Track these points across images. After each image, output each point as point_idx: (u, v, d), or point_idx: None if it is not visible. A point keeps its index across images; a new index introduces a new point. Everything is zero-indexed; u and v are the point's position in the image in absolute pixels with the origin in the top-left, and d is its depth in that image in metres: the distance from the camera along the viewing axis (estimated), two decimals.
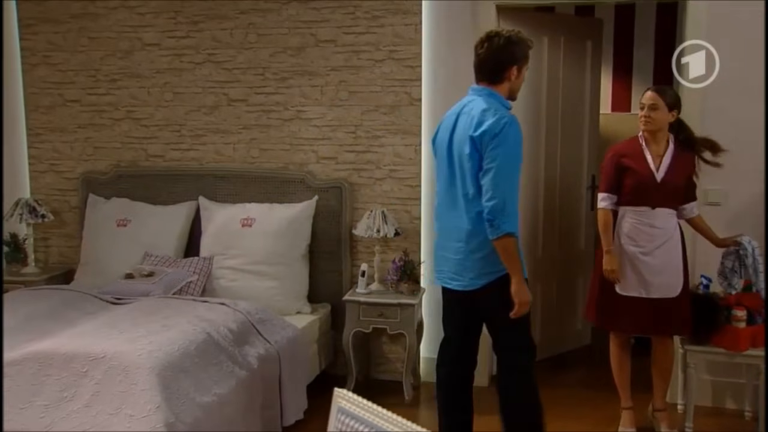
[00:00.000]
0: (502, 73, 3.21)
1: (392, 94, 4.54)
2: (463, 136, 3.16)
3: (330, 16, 4.56)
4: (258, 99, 4.73)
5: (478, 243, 3.17)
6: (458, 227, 3.24)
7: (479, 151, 3.10)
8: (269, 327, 3.95)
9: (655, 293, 3.73)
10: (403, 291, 4.39)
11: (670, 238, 3.73)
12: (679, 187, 3.73)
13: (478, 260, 3.19)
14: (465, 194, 3.18)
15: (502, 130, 3.05)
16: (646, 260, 3.73)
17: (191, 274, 4.39)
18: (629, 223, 3.78)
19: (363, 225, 4.41)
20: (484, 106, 3.14)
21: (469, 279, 3.24)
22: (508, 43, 3.19)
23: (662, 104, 3.69)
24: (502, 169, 3.05)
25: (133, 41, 4.86)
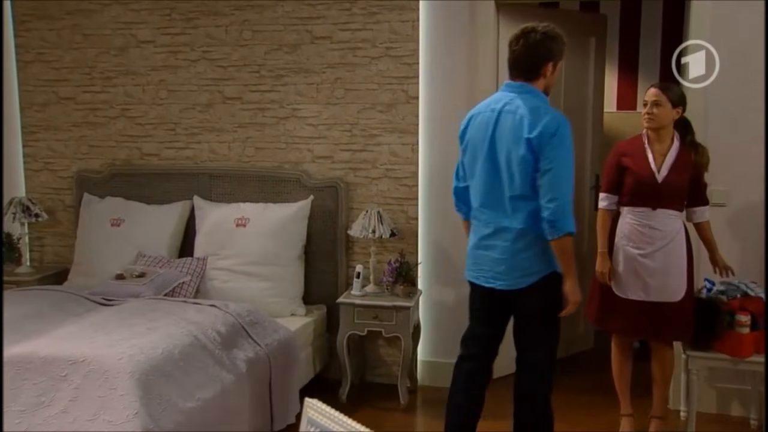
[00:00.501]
0: (539, 69, 3.15)
1: (389, 91, 4.44)
2: (513, 136, 3.09)
3: (326, 13, 4.48)
4: (253, 97, 4.65)
5: (526, 243, 3.14)
6: (504, 227, 3.18)
7: (535, 152, 3.04)
8: (260, 330, 3.87)
9: (655, 296, 3.62)
10: (398, 293, 4.30)
11: (672, 240, 3.60)
12: (682, 188, 3.61)
13: (525, 260, 3.15)
14: (513, 195, 3.13)
15: (558, 130, 3.02)
16: (645, 262, 3.62)
17: (184, 275, 4.31)
18: (629, 223, 3.67)
19: (358, 225, 4.32)
20: (533, 105, 3.08)
21: (514, 278, 3.19)
22: (544, 39, 3.14)
23: (666, 101, 3.58)
24: (561, 169, 3.03)
25: (127, 38, 4.79)
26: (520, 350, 3.35)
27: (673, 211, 3.61)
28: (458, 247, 4.46)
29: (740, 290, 3.75)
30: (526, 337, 3.31)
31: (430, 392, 4.55)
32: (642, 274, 3.63)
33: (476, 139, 3.26)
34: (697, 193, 3.68)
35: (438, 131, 4.45)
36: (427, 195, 4.51)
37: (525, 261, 3.17)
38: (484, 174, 3.23)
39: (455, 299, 4.54)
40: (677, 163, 3.60)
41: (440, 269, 4.55)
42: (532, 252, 3.16)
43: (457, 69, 4.39)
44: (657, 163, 3.61)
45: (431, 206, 4.51)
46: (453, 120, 4.38)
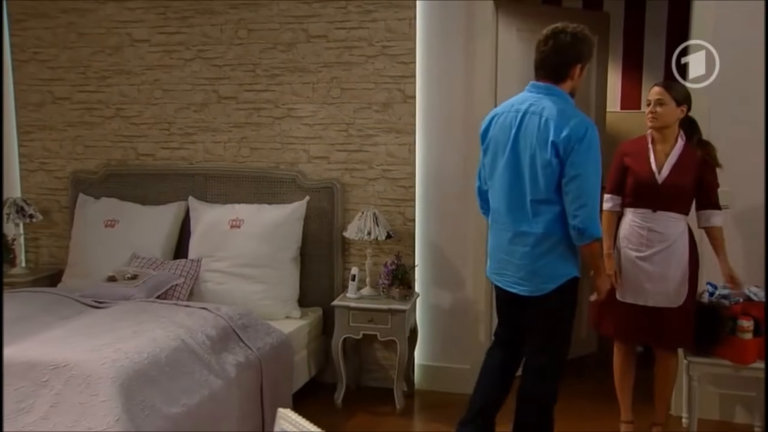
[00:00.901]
0: (567, 71, 3.11)
1: (385, 91, 4.37)
2: (538, 138, 3.03)
3: (321, 11, 4.40)
4: (248, 96, 4.59)
5: (547, 247, 3.10)
6: (525, 231, 3.14)
7: (561, 156, 2.98)
8: (252, 333, 3.80)
9: (653, 302, 3.53)
10: (394, 296, 4.22)
11: (673, 244, 3.50)
12: (685, 190, 3.49)
13: (546, 265, 3.12)
14: (535, 198, 3.08)
15: (587, 135, 2.97)
16: (644, 266, 3.53)
17: (177, 277, 4.25)
18: (628, 224, 3.59)
19: (354, 227, 4.25)
20: (560, 108, 3.03)
21: (536, 284, 3.15)
22: (574, 40, 3.09)
23: (669, 100, 3.49)
24: (590, 175, 2.98)
25: (122, 37, 4.74)
26: (529, 352, 3.32)
27: (675, 214, 3.50)
28: (456, 249, 4.41)
29: (743, 295, 3.66)
30: (536, 340, 3.27)
31: (427, 396, 4.47)
32: (640, 277, 3.54)
33: (498, 140, 3.21)
34: (704, 195, 3.54)
35: (435, 131, 4.37)
36: (424, 196, 4.43)
37: (546, 266, 3.14)
38: (505, 176, 3.18)
39: (453, 302, 4.47)
40: (680, 163, 3.50)
41: (438, 272, 4.47)
42: (552, 257, 3.12)
43: (455, 68, 4.31)
44: (658, 164, 3.52)
45: (429, 208, 4.43)
46: (450, 120, 4.34)
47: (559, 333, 3.25)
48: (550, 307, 3.19)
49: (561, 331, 3.25)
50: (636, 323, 3.58)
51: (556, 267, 3.13)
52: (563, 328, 3.25)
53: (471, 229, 4.36)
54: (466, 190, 4.34)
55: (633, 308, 3.57)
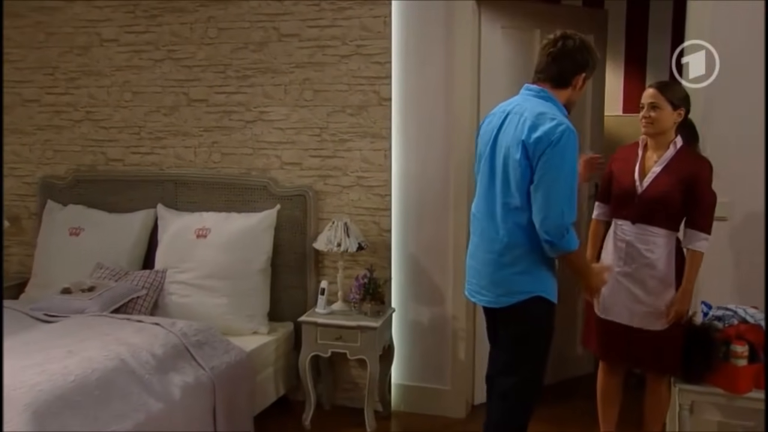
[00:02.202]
0: (570, 78, 2.91)
1: (360, 93, 4.10)
2: (513, 139, 2.83)
3: (293, 8, 4.16)
4: (219, 99, 4.35)
5: (512, 258, 2.87)
6: (492, 237, 2.92)
7: (530, 159, 2.76)
8: (208, 351, 3.56)
9: (633, 322, 3.23)
10: (366, 312, 3.95)
11: (655, 261, 3.19)
12: (670, 203, 3.15)
13: (507, 277, 2.90)
14: (505, 203, 2.87)
15: (560, 139, 2.72)
16: (623, 282, 3.23)
17: (139, 289, 4.02)
18: (610, 236, 3.32)
19: (324, 238, 3.99)
20: (541, 110, 2.81)
21: (496, 295, 2.95)
22: (582, 48, 2.89)
23: (665, 103, 3.18)
24: (558, 184, 2.74)
25: (91, 37, 4.54)
26: (494, 374, 3.08)
27: (657, 229, 3.18)
28: (435, 261, 4.14)
29: (738, 316, 3.33)
30: (503, 359, 3.04)
31: (404, 418, 4.20)
32: (620, 294, 3.24)
33: (483, 142, 3.03)
34: (693, 212, 3.18)
35: (412, 136, 4.10)
36: (401, 205, 4.16)
37: (507, 279, 2.91)
38: (484, 178, 3.00)
39: (432, 318, 4.19)
40: (668, 172, 3.17)
41: (416, 286, 4.19)
42: (517, 269, 2.88)
43: (433, 68, 4.03)
44: (642, 172, 3.22)
45: (406, 217, 4.16)
46: (428, 124, 4.07)
47: (527, 356, 2.99)
48: (513, 325, 2.96)
49: (529, 354, 2.98)
50: (617, 343, 3.29)
51: (517, 281, 2.90)
52: (531, 351, 2.98)
53: (451, 240, 4.09)
54: (445, 199, 4.07)
55: (615, 326, 3.27)
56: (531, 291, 2.89)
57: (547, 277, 2.93)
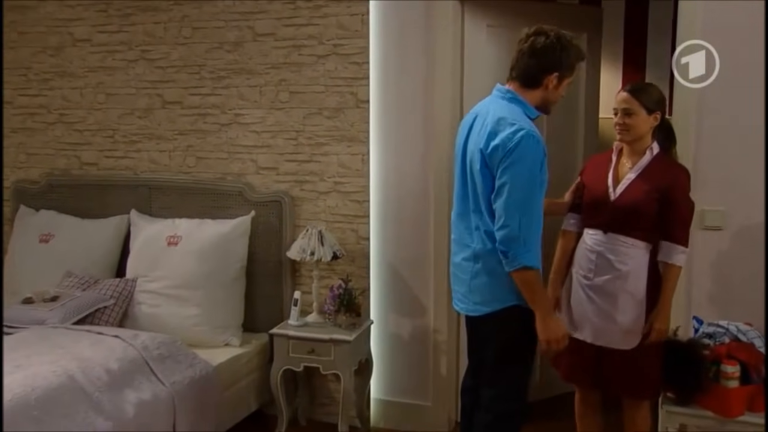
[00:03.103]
0: (540, 77, 2.71)
1: (336, 95, 3.92)
2: (475, 146, 2.69)
3: (268, 7, 3.98)
4: (193, 101, 4.19)
5: (487, 265, 2.74)
6: (467, 244, 2.80)
7: (489, 168, 2.62)
8: (170, 365, 3.39)
9: (600, 340, 3.01)
10: (340, 324, 3.76)
11: (626, 274, 2.96)
12: (644, 212, 2.93)
13: (484, 284, 2.76)
14: (476, 210, 2.73)
15: (518, 146, 2.56)
16: (591, 296, 3.02)
17: (107, 299, 3.86)
18: (581, 246, 3.09)
19: (297, 246, 3.81)
20: (502, 114, 2.64)
21: (473, 303, 2.82)
22: (556, 45, 2.69)
23: (639, 108, 2.96)
24: (516, 192, 2.57)
25: (63, 36, 4.39)
26: (475, 386, 2.96)
27: (630, 239, 2.96)
28: (415, 271, 3.95)
29: (729, 334, 3.11)
30: (482, 374, 2.89)
31: None
32: (587, 309, 3.03)
33: (456, 145, 2.89)
34: (668, 223, 2.95)
35: (391, 139, 3.91)
36: (381, 212, 3.97)
37: (482, 287, 2.77)
38: (458, 183, 2.86)
39: (413, 331, 3.99)
40: (643, 179, 2.96)
41: (395, 297, 4.00)
42: (491, 277, 2.73)
43: (413, 69, 3.84)
44: (615, 179, 3.01)
45: (385, 225, 3.97)
46: (407, 127, 3.89)
47: (508, 368, 2.81)
48: (490, 336, 2.81)
49: (509, 365, 2.81)
50: (583, 363, 3.07)
51: (492, 289, 2.75)
52: (511, 362, 2.80)
53: (431, 248, 3.89)
54: (425, 205, 3.88)
55: (583, 346, 3.06)
56: (509, 300, 2.73)
57: None
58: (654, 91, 3.01)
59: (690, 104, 3.43)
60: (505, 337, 2.78)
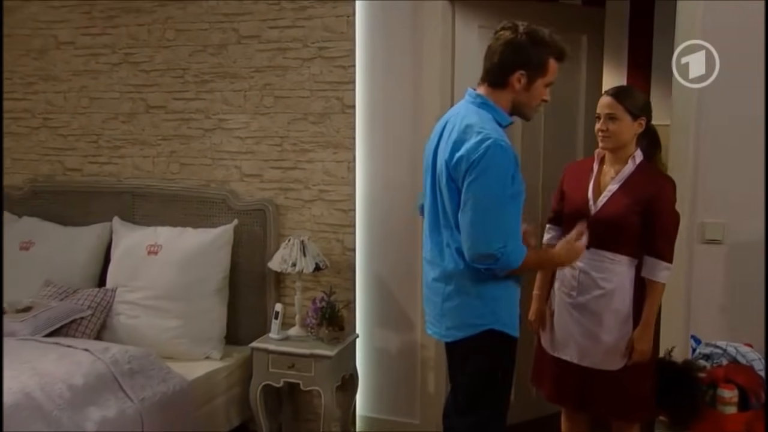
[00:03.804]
0: (505, 76, 2.48)
1: (322, 99, 3.77)
2: (442, 157, 2.49)
3: (253, 8, 3.85)
4: (177, 105, 4.06)
5: (460, 286, 2.51)
6: (438, 263, 2.58)
7: (455, 181, 2.42)
8: (141, 380, 3.26)
9: (584, 360, 2.83)
10: (323, 338, 3.61)
11: (611, 292, 2.78)
12: (628, 225, 2.74)
13: (455, 308, 2.54)
14: (447, 226, 2.52)
15: (484, 157, 2.34)
16: (576, 315, 2.84)
17: (84, 309, 3.74)
18: None
19: (278, 257, 3.66)
20: (469, 121, 2.43)
21: (445, 328, 2.60)
22: (523, 42, 2.47)
23: (623, 113, 2.78)
24: (484, 206, 2.36)
25: (47, 39, 4.29)
26: (447, 414, 2.78)
27: (614, 255, 2.77)
28: (403, 283, 3.79)
29: (727, 355, 2.92)
30: (459, 401, 2.68)
31: None
32: (571, 328, 2.85)
33: (426, 154, 2.68)
34: (652, 236, 2.76)
35: (378, 146, 3.76)
36: (367, 221, 3.81)
37: (455, 310, 2.55)
38: (428, 197, 2.64)
39: (400, 346, 3.84)
40: (626, 190, 2.77)
41: (382, 310, 3.84)
42: (463, 299, 2.53)
43: (400, 72, 3.69)
44: (596, 190, 2.83)
45: (372, 235, 3.81)
46: (395, 133, 3.73)
47: (484, 396, 2.62)
48: (467, 361, 2.60)
49: (485, 393, 2.61)
50: (566, 384, 2.89)
51: (466, 312, 2.54)
52: (487, 390, 2.61)
53: (419, 260, 3.68)
54: (414, 215, 3.68)
55: (568, 366, 2.88)
56: (484, 324, 2.53)
57: (504, 308, 2.56)
58: (639, 95, 2.84)
59: (689, 109, 3.25)
60: (480, 364, 2.58)
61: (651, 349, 2.82)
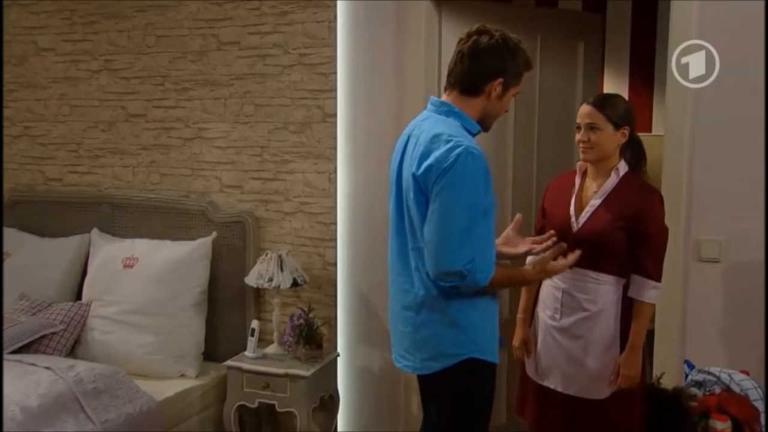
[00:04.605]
0: (482, 83, 2.32)
1: (302, 108, 3.63)
2: (408, 171, 2.32)
3: (233, 13, 3.71)
4: (157, 114, 3.93)
5: (431, 314, 2.32)
6: (406, 290, 2.38)
7: (425, 194, 2.23)
8: (105, 400, 3.11)
9: (573, 390, 2.64)
10: (300, 357, 3.45)
11: (597, 314, 2.60)
12: (612, 243, 2.56)
13: (430, 337, 2.35)
14: (415, 248, 2.33)
15: (454, 165, 2.17)
16: (560, 339, 2.66)
17: (55, 324, 3.61)
18: (546, 282, 2.73)
19: (254, 272, 3.52)
20: (437, 130, 2.25)
21: (420, 360, 2.39)
22: (500, 47, 2.31)
23: (604, 122, 2.60)
24: (453, 218, 2.18)
25: (27, 45, 4.18)
26: None
27: (598, 274, 2.60)
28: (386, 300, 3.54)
29: (721, 383, 2.72)
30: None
31: None
32: (555, 353, 2.67)
33: (390, 172, 2.50)
34: (639, 253, 2.58)
35: (360, 157, 3.60)
36: (349, 235, 3.65)
37: (431, 339, 2.35)
38: (393, 217, 2.45)
39: (383, 365, 3.66)
40: (609, 206, 2.59)
41: (364, 328, 3.67)
42: (439, 327, 2.33)
43: (383, 80, 3.54)
44: (578, 206, 2.65)
45: (354, 249, 3.65)
46: (378, 143, 3.57)
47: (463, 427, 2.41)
48: (443, 394, 2.40)
49: (464, 427, 2.41)
50: (557, 412, 2.71)
51: (442, 342, 2.34)
52: (466, 423, 2.41)
53: None
54: None
55: (553, 394, 2.70)
56: (461, 353, 2.33)
57: (482, 333, 2.37)
58: (621, 103, 2.66)
59: (684, 116, 3.06)
60: (459, 394, 2.38)
61: (639, 375, 2.63)
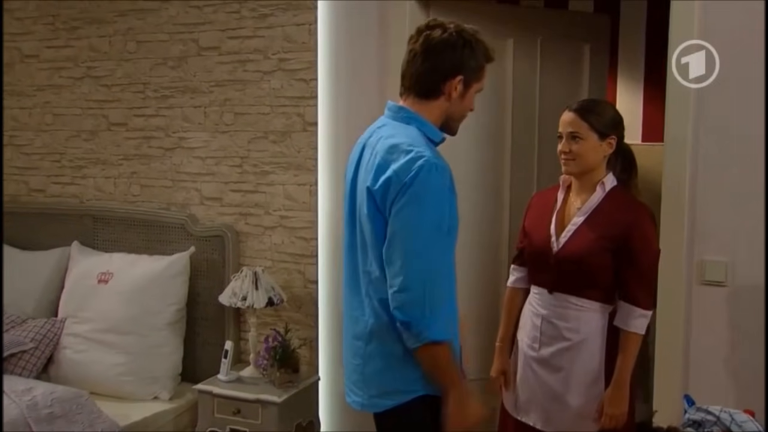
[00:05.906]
0: (440, 84, 2.07)
1: (282, 116, 3.43)
2: (362, 184, 2.07)
3: (213, 17, 3.54)
4: (138, 123, 3.78)
5: (383, 345, 2.08)
6: (357, 318, 2.14)
7: (381, 211, 1.99)
8: (61, 426, 2.94)
9: (552, 426, 2.38)
10: (274, 381, 3.24)
11: (579, 345, 2.34)
12: (595, 265, 2.31)
13: (380, 371, 2.10)
14: (366, 272, 2.09)
15: (416, 179, 1.93)
16: (539, 372, 2.40)
17: (26, 342, 3.46)
18: (526, 307, 2.47)
19: (228, 290, 3.32)
20: (395, 140, 2.01)
21: (368, 396, 2.13)
22: (456, 42, 2.06)
23: (587, 131, 2.35)
24: (416, 240, 1.94)
25: (11, 52, 4.06)
26: None
27: (580, 300, 2.33)
28: None
29: (721, 424, 2.42)
30: None
31: None
32: (535, 387, 2.41)
33: (345, 187, 2.24)
34: (625, 278, 2.32)
35: (342, 168, 3.30)
36: (330, 251, 3.43)
37: (380, 373, 2.10)
38: (346, 237, 2.21)
39: None
40: (592, 224, 2.33)
41: None
42: (389, 362, 2.08)
43: (366, 86, 3.32)
44: (559, 224, 2.39)
45: (335, 266, 3.42)
46: None
47: None
48: None
49: None
50: None
51: (393, 376, 2.08)
52: None
53: None
54: None
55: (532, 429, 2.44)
56: (414, 390, 2.07)
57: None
58: (607, 109, 2.40)
59: (685, 123, 2.79)
60: None
61: (625, 414, 2.36)
